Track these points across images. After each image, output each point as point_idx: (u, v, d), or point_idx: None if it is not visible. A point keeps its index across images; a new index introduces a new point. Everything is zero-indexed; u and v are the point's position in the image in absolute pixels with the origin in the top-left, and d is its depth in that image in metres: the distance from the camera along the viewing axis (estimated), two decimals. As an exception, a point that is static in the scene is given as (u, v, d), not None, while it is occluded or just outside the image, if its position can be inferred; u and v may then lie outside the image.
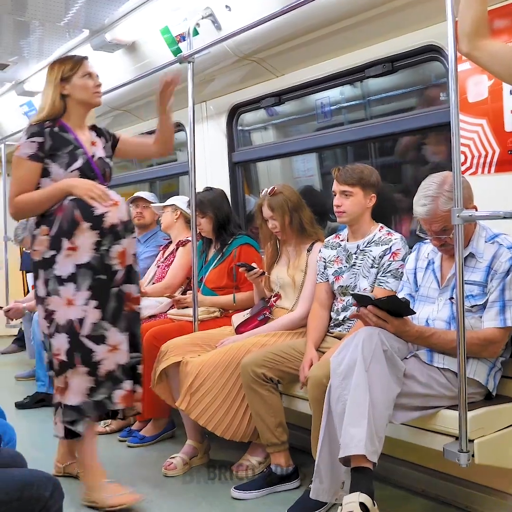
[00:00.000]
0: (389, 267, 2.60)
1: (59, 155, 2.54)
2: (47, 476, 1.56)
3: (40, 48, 4.31)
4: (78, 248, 2.47)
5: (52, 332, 2.49)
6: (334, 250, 2.82)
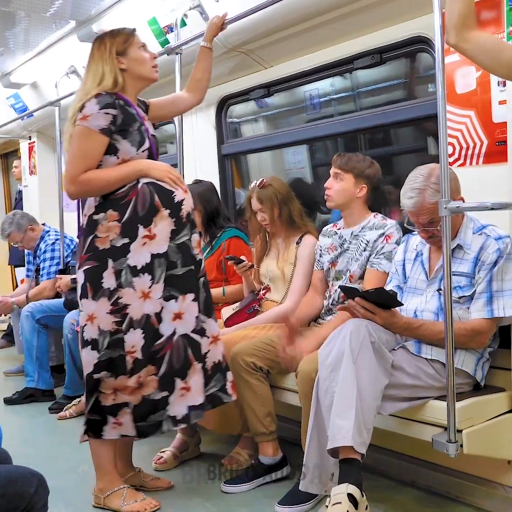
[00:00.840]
0: (382, 249, 2.61)
1: (130, 131, 2.33)
2: (32, 472, 1.54)
3: (26, 39, 4.28)
4: (155, 236, 2.31)
5: (126, 328, 2.32)
6: (330, 238, 2.84)
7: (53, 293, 4.38)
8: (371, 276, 2.62)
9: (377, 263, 2.60)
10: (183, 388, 2.36)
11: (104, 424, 2.37)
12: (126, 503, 2.42)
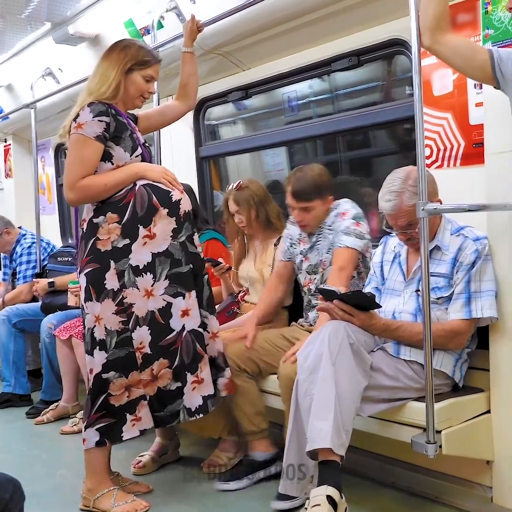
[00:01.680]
0: (339, 227, 2.61)
1: (123, 138, 2.39)
2: (7, 478, 1.52)
3: (1, 41, 4.24)
4: (155, 235, 2.37)
5: (132, 327, 2.36)
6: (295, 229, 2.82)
7: (29, 296, 4.34)
8: (335, 255, 2.61)
9: (337, 241, 2.59)
10: (194, 381, 2.43)
11: (123, 425, 2.40)
12: (116, 504, 2.42)
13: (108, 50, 2.50)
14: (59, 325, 3.70)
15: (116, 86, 2.42)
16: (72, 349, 3.55)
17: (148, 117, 2.71)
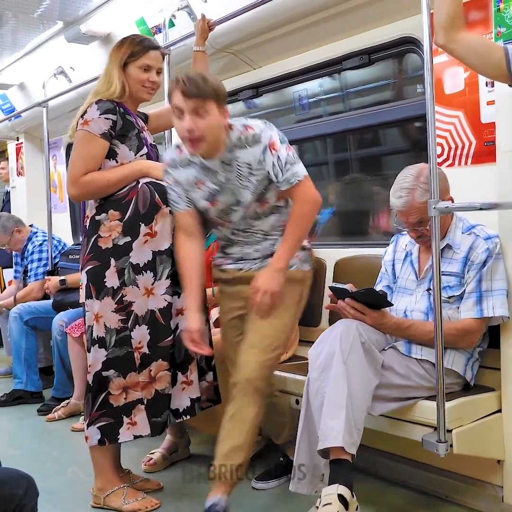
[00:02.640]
0: (279, 162, 2.15)
1: (129, 137, 2.39)
2: (21, 474, 1.54)
3: (14, 40, 4.26)
4: (156, 233, 2.36)
5: (131, 325, 2.36)
6: (187, 169, 2.28)
7: (41, 294, 4.37)
8: (294, 192, 2.19)
9: (290, 177, 2.16)
10: (184, 382, 2.43)
11: (120, 426, 2.39)
12: (127, 502, 2.44)
13: (111, 50, 2.51)
14: (71, 323, 3.73)
15: (121, 85, 2.42)
16: (84, 346, 3.56)
17: (159, 116, 2.70)
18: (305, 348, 2.72)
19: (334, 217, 3.92)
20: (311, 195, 2.20)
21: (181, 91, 2.08)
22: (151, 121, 2.65)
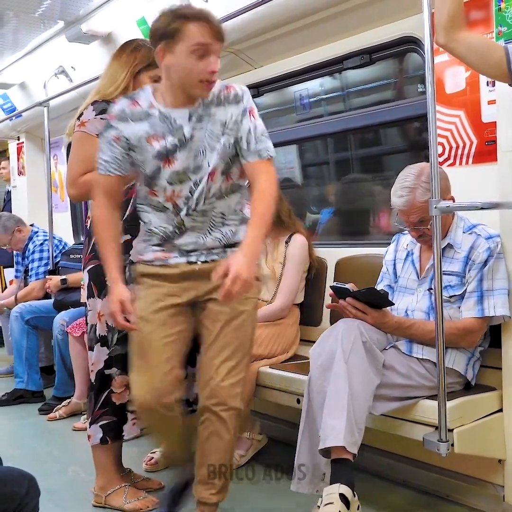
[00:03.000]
0: (255, 131, 1.99)
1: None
2: (22, 473, 1.54)
3: (15, 40, 4.25)
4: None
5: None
6: (141, 122, 2.00)
7: (42, 293, 4.37)
8: (262, 168, 1.99)
9: (262, 149, 1.98)
10: (194, 374, 2.37)
11: (123, 424, 2.39)
12: (128, 501, 2.44)
13: (118, 51, 2.48)
14: (72, 322, 3.73)
15: (124, 88, 2.40)
16: (85, 346, 3.55)
17: None
18: (306, 347, 2.73)
19: (334, 216, 3.92)
20: (275, 178, 2.02)
21: (213, 29, 1.89)
22: None
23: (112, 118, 2.03)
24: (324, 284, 2.99)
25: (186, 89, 1.95)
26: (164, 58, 1.94)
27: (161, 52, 1.93)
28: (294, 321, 2.98)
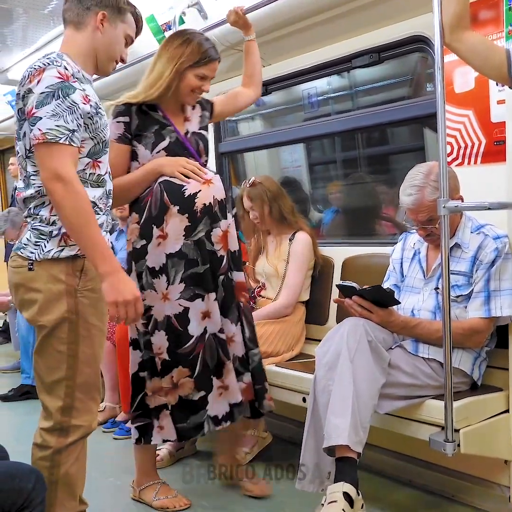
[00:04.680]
0: None
1: (145, 135, 2.34)
2: (30, 468, 1.55)
3: (24, 36, 4.26)
4: (167, 235, 2.27)
5: (151, 330, 2.33)
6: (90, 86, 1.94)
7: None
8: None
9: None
10: (220, 387, 2.36)
11: (153, 428, 2.40)
12: (157, 498, 2.47)
13: (167, 41, 2.40)
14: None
15: (167, 86, 2.34)
16: (114, 347, 3.45)
17: (226, 103, 2.65)
18: (312, 346, 2.74)
19: (341, 215, 3.92)
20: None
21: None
22: (216, 107, 2.59)
23: (69, 79, 1.79)
24: (331, 283, 2.99)
25: None
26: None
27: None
28: (300, 318, 2.99)
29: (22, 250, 1.83)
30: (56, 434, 1.83)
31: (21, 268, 1.83)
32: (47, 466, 1.80)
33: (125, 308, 1.76)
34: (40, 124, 1.72)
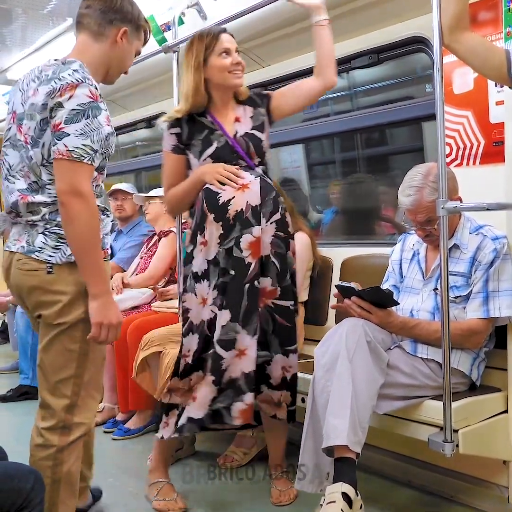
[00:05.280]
0: None
1: (194, 144, 2.37)
2: (29, 469, 1.55)
3: (23, 36, 4.26)
4: (207, 242, 2.31)
5: (185, 332, 2.37)
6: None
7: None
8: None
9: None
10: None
11: (175, 424, 2.40)
12: (156, 498, 2.48)
13: (185, 50, 2.45)
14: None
15: (195, 89, 2.35)
16: (111, 348, 3.40)
17: (283, 96, 2.48)
18: (311, 346, 2.73)
19: (340, 215, 3.92)
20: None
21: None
22: (273, 100, 2.47)
23: (97, 99, 1.85)
24: (330, 283, 3.00)
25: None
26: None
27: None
28: (298, 319, 2.98)
29: (37, 254, 1.85)
30: (58, 433, 1.86)
31: (37, 271, 1.85)
32: (50, 465, 1.84)
33: (107, 331, 1.83)
34: (67, 140, 1.77)
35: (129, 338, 3.17)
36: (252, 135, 2.41)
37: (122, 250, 4.07)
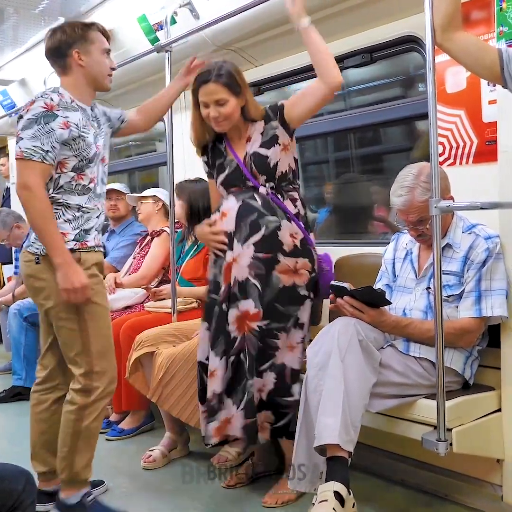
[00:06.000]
0: None
1: (215, 171, 2.49)
2: (20, 470, 1.54)
3: (15, 36, 4.25)
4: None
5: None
6: (76, 112, 2.29)
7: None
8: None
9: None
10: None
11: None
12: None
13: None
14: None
15: (191, 127, 2.52)
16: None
17: (292, 102, 2.43)
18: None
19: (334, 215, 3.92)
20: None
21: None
22: (286, 109, 2.40)
23: (53, 108, 2.20)
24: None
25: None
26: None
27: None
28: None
29: (30, 247, 2.28)
30: (80, 394, 2.28)
31: (30, 262, 2.26)
32: (72, 419, 2.28)
33: (75, 294, 2.17)
34: (21, 143, 2.17)
35: (122, 338, 3.16)
36: (257, 154, 2.39)
37: (115, 249, 4.06)
